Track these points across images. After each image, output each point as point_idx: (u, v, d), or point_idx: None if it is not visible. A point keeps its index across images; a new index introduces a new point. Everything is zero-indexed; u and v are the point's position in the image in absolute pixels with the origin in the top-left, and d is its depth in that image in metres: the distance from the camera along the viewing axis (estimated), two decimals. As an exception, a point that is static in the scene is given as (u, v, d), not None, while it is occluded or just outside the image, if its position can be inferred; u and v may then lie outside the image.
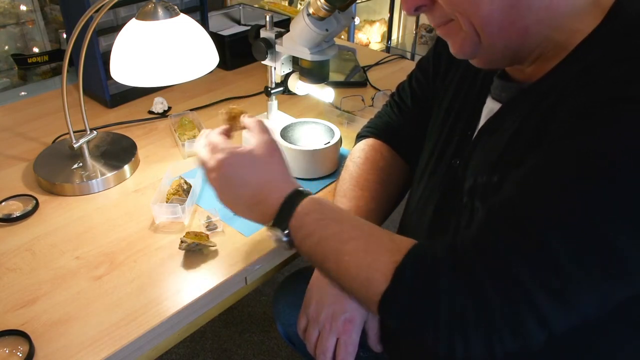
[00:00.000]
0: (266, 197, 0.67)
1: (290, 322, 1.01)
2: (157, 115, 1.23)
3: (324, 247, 0.64)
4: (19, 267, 0.79)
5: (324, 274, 0.66)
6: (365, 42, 3.13)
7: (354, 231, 0.63)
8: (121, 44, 0.86)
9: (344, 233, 0.63)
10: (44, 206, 0.92)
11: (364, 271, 0.60)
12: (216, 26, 1.53)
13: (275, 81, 1.01)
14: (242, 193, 0.69)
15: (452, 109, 0.77)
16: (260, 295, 1.85)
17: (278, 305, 1.04)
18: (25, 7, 1.49)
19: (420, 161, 0.82)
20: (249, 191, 0.68)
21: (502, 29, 0.57)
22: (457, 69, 0.79)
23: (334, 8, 0.81)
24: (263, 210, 0.68)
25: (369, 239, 0.62)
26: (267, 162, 0.70)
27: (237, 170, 0.68)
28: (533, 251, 0.50)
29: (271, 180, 0.69)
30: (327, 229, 0.64)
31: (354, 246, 0.61)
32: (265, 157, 0.70)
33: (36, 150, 1.06)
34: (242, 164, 0.69)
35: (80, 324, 0.70)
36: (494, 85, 0.69)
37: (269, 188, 0.68)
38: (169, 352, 1.54)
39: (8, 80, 1.49)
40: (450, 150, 0.74)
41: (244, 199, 0.69)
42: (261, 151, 0.70)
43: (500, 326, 0.51)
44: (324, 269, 0.65)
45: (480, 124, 0.70)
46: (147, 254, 0.82)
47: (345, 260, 0.61)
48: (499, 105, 0.67)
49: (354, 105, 1.23)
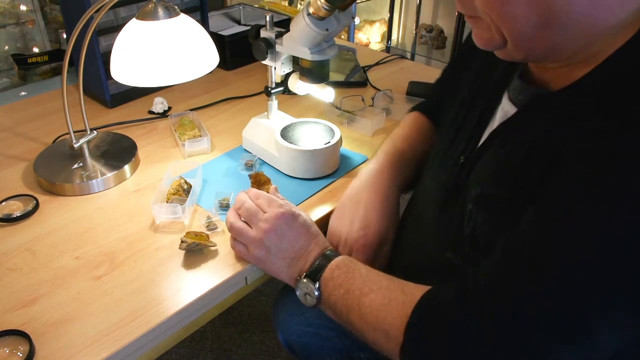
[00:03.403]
0: (307, 253, 0.74)
1: (290, 330, 1.00)
2: (157, 115, 1.23)
3: (348, 299, 0.67)
4: (19, 267, 0.79)
5: (349, 327, 0.69)
6: (365, 42, 3.13)
7: (374, 284, 0.67)
8: (121, 44, 0.86)
9: (365, 286, 0.67)
10: (44, 206, 0.92)
11: (382, 324, 0.63)
12: (216, 26, 1.53)
13: (275, 81, 1.01)
14: (284, 255, 0.75)
15: (465, 102, 0.76)
16: (260, 295, 1.85)
17: (278, 313, 1.04)
18: (25, 7, 1.49)
19: (432, 151, 0.82)
20: (294, 249, 0.75)
21: (532, 42, 0.56)
22: (477, 58, 0.78)
23: (334, 8, 0.81)
24: (300, 265, 0.74)
25: (385, 292, 0.65)
26: (307, 224, 0.77)
27: (285, 233, 0.75)
28: (551, 298, 0.51)
29: (313, 238, 0.76)
30: (353, 281, 0.68)
31: (373, 298, 0.65)
32: (303, 217, 0.77)
33: (36, 150, 1.06)
34: (287, 228, 0.75)
35: (81, 324, 0.70)
36: (513, 85, 0.67)
37: (312, 247, 0.75)
38: (169, 352, 1.54)
39: (8, 80, 1.49)
40: (459, 146, 0.73)
41: (285, 257, 0.75)
42: (296, 213, 0.77)
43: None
44: (349, 322, 0.68)
45: (494, 125, 0.69)
46: (147, 254, 0.82)
47: (366, 312, 0.65)
48: (514, 108, 0.66)
49: (354, 105, 1.23)
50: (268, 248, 0.75)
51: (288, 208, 0.77)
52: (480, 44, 0.62)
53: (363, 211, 0.82)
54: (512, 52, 0.59)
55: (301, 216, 0.77)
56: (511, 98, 0.67)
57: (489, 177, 0.64)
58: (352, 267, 0.71)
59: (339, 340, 0.94)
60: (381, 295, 0.65)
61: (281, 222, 0.75)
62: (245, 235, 0.76)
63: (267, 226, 0.75)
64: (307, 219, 0.78)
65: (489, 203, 0.63)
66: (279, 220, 0.75)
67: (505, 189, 0.61)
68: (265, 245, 0.75)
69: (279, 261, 0.75)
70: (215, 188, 0.97)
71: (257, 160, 1.03)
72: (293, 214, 0.77)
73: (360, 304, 0.66)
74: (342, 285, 0.69)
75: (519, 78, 0.66)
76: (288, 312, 1.01)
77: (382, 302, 0.64)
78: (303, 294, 0.73)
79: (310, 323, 0.97)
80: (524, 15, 0.54)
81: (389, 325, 0.62)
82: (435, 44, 3.06)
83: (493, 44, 0.59)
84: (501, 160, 0.63)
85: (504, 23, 0.56)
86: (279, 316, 1.03)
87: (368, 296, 0.66)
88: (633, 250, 0.48)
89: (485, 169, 0.66)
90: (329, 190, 0.98)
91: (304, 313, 0.98)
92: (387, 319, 0.63)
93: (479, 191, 0.64)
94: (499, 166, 0.63)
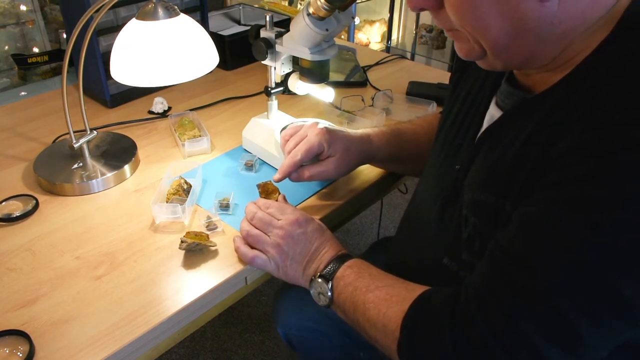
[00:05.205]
0: (322, 255, 0.77)
1: (290, 324, 1.01)
2: (157, 115, 1.23)
3: (356, 296, 0.69)
4: (19, 267, 0.79)
5: (355, 325, 0.71)
6: (365, 42, 3.13)
7: (380, 282, 0.69)
8: (121, 44, 0.86)
9: (372, 284, 0.69)
10: (44, 206, 0.92)
11: (382, 319, 0.64)
12: (216, 26, 1.53)
13: (275, 81, 1.01)
14: (301, 259, 0.77)
15: (460, 111, 0.77)
16: (260, 295, 1.85)
17: (278, 307, 1.04)
18: (25, 7, 1.49)
19: (429, 157, 0.83)
20: (310, 252, 0.77)
21: (509, 51, 0.57)
22: (472, 68, 0.79)
23: (334, 8, 0.81)
24: (315, 267, 0.76)
25: (389, 289, 0.67)
26: (321, 227, 0.80)
27: (300, 237, 0.77)
28: (540, 307, 0.51)
29: (327, 241, 0.78)
30: (362, 280, 0.71)
31: (377, 294, 0.67)
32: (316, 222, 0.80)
33: (36, 150, 1.06)
34: (302, 232, 0.77)
35: (81, 324, 0.70)
36: (500, 89, 0.68)
37: (326, 249, 0.77)
38: (169, 352, 1.54)
39: (8, 80, 1.49)
40: (454, 153, 0.74)
41: (302, 260, 0.77)
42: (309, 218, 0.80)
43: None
44: (355, 320, 0.70)
45: (482, 130, 0.70)
46: (147, 254, 0.82)
47: (369, 307, 0.67)
48: (499, 112, 0.67)
49: (354, 105, 1.23)
50: (287, 253, 0.77)
51: (300, 214, 0.79)
52: (462, 55, 0.63)
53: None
54: (492, 61, 0.60)
55: (314, 221, 0.80)
56: (498, 102, 0.68)
57: (479, 183, 0.64)
58: (364, 267, 0.73)
59: (339, 338, 0.94)
60: (385, 292, 0.67)
61: (296, 227, 0.77)
62: (264, 242, 0.77)
63: (283, 232, 0.77)
64: (320, 223, 0.81)
65: (480, 209, 0.63)
66: (294, 225, 0.77)
67: (495, 195, 0.61)
68: (284, 251, 0.76)
69: (296, 265, 0.77)
70: (215, 188, 0.97)
71: (257, 160, 1.03)
72: (306, 218, 0.79)
73: (365, 301, 0.67)
74: (352, 283, 0.71)
75: (505, 82, 0.67)
76: (288, 306, 1.02)
77: (385, 298, 0.66)
78: (317, 294, 0.75)
79: (310, 318, 0.98)
80: (497, 25, 0.54)
81: (388, 320, 0.63)
82: (435, 44, 3.06)
83: (474, 54, 0.60)
84: (490, 166, 0.64)
85: (479, 34, 0.57)
86: (279, 310, 1.04)
87: (373, 292, 0.67)
88: (619, 251, 0.48)
89: (476, 175, 0.66)
90: (329, 190, 0.98)
91: (303, 308, 0.99)
92: (388, 313, 0.64)
93: (471, 196, 0.65)
94: (487, 172, 0.64)
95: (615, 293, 0.49)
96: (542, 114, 0.58)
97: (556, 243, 0.51)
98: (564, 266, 0.50)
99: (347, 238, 2.14)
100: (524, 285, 0.52)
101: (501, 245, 0.56)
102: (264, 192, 0.88)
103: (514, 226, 0.55)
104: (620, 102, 0.50)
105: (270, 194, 0.88)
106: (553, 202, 0.52)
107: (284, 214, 0.79)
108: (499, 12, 0.53)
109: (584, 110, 0.53)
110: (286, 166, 0.85)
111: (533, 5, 0.52)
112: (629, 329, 0.51)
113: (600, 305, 0.49)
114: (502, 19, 0.54)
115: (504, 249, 0.55)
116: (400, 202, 2.31)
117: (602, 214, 0.48)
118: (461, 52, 0.62)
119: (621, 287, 0.48)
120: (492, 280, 0.55)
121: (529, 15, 0.53)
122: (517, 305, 0.52)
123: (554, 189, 0.52)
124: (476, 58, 0.61)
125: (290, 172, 0.86)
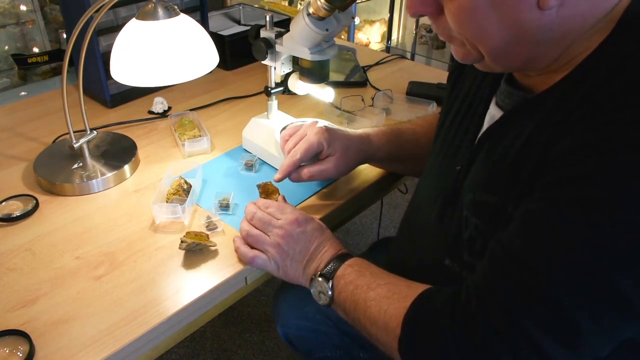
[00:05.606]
0: (322, 254, 0.77)
1: (289, 323, 1.01)
2: (157, 115, 1.23)
3: (356, 294, 0.69)
4: (19, 267, 0.79)
5: (356, 324, 0.71)
6: (365, 42, 3.13)
7: (382, 280, 0.69)
8: (121, 44, 0.86)
9: (374, 282, 0.69)
10: (44, 206, 0.92)
11: (383, 316, 0.64)
12: (216, 26, 1.53)
13: (275, 81, 1.01)
14: (301, 257, 0.77)
15: (459, 111, 0.77)
16: (260, 295, 1.85)
17: (278, 306, 1.04)
18: (25, 7, 1.49)
19: (429, 157, 0.83)
20: (310, 251, 0.77)
21: (508, 56, 0.57)
22: (469, 67, 0.79)
23: (334, 8, 0.81)
24: (315, 266, 0.76)
25: (391, 287, 0.67)
26: (321, 227, 0.80)
27: (300, 237, 0.77)
28: (541, 306, 0.51)
29: (327, 240, 0.78)
30: (363, 278, 0.71)
31: (378, 292, 0.67)
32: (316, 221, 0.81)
33: (36, 150, 1.06)
34: (301, 232, 0.78)
35: (81, 324, 0.70)
36: (500, 89, 0.68)
37: (326, 248, 0.77)
38: (169, 352, 1.54)
39: (8, 80, 1.49)
40: (454, 153, 0.74)
41: (302, 259, 0.77)
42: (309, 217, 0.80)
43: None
44: (356, 319, 0.70)
45: (482, 130, 0.70)
46: (147, 254, 0.82)
47: (370, 305, 0.66)
48: (500, 112, 0.66)
49: (354, 105, 1.23)
50: (287, 253, 0.77)
51: (300, 213, 0.79)
52: (458, 59, 0.63)
53: None
54: (490, 65, 0.60)
55: (314, 220, 0.80)
56: (498, 102, 0.68)
57: (480, 183, 0.64)
58: (364, 266, 0.73)
59: (339, 337, 0.95)
60: (386, 289, 0.67)
61: (296, 227, 0.77)
62: (264, 241, 0.78)
63: (283, 232, 0.77)
64: (320, 223, 0.81)
65: (482, 209, 0.63)
66: (294, 225, 0.77)
67: (496, 195, 0.61)
68: (284, 251, 0.77)
69: (296, 264, 0.77)
70: (215, 188, 0.97)
71: (257, 160, 1.03)
72: (306, 218, 0.79)
73: (366, 298, 0.67)
74: (352, 282, 0.71)
75: (505, 82, 0.67)
76: (288, 306, 1.02)
77: (386, 295, 0.66)
78: (317, 293, 0.75)
79: (309, 318, 0.98)
80: (497, 32, 0.54)
81: (389, 317, 0.63)
82: (435, 44, 3.06)
83: (471, 58, 0.61)
84: (491, 167, 0.64)
85: (478, 41, 0.57)
86: (279, 309, 1.04)
87: (375, 290, 0.67)
88: (619, 251, 0.48)
89: (476, 175, 0.66)
90: (329, 190, 0.98)
91: (303, 307, 0.99)
92: (389, 310, 0.64)
93: (472, 197, 0.65)
94: (488, 172, 0.64)
95: (616, 292, 0.49)
96: (542, 114, 0.58)
97: (556, 243, 0.51)
98: (564, 266, 0.50)
99: (347, 238, 2.14)
100: (524, 285, 0.52)
101: (502, 244, 0.56)
102: (264, 193, 0.88)
103: (515, 226, 0.55)
104: (620, 101, 0.50)
105: (270, 194, 0.88)
106: (553, 202, 0.52)
107: (284, 214, 0.79)
108: (498, 19, 0.53)
109: (585, 110, 0.53)
110: (286, 165, 0.85)
111: (533, 14, 0.52)
112: (629, 327, 0.51)
113: (600, 305, 0.49)
114: (501, 26, 0.54)
115: (505, 248, 0.55)
116: (400, 202, 2.31)
117: (603, 214, 0.48)
118: (458, 55, 0.62)
119: (621, 286, 0.48)
120: (493, 280, 0.55)
121: (529, 23, 0.53)
122: (518, 304, 0.52)
123: (554, 188, 0.52)
124: (473, 61, 0.62)
125: (290, 172, 0.86)
